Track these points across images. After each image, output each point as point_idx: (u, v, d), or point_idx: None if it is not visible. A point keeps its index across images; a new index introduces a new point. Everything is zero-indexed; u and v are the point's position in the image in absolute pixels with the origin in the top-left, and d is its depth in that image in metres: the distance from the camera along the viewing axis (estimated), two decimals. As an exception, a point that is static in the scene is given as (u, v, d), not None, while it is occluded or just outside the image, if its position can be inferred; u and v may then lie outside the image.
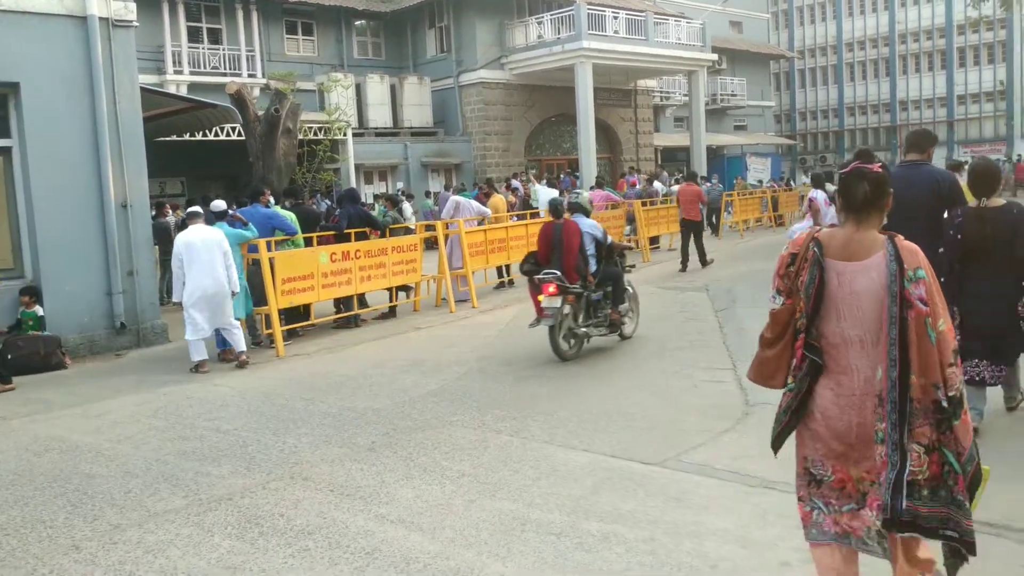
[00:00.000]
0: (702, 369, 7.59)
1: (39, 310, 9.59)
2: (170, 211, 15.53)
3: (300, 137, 22.01)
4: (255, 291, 9.73)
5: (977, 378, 5.18)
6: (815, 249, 2.91)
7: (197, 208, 9.25)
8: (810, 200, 12.32)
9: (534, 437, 5.71)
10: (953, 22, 51.99)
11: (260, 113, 15.91)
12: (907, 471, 2.75)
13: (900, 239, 2.85)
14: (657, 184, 25.69)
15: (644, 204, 18.65)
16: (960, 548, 2.79)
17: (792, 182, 37.93)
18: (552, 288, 8.12)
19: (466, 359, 8.62)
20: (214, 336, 9.23)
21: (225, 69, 25.59)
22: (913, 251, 2.82)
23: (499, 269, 14.23)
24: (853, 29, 56.52)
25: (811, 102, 58.60)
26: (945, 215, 5.46)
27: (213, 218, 9.62)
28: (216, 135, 22.09)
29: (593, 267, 8.77)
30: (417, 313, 12.20)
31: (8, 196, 9.80)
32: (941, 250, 5.21)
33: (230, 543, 4.18)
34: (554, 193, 18.14)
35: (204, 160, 23.84)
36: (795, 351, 2.99)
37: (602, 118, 30.98)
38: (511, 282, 14.39)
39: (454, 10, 28.40)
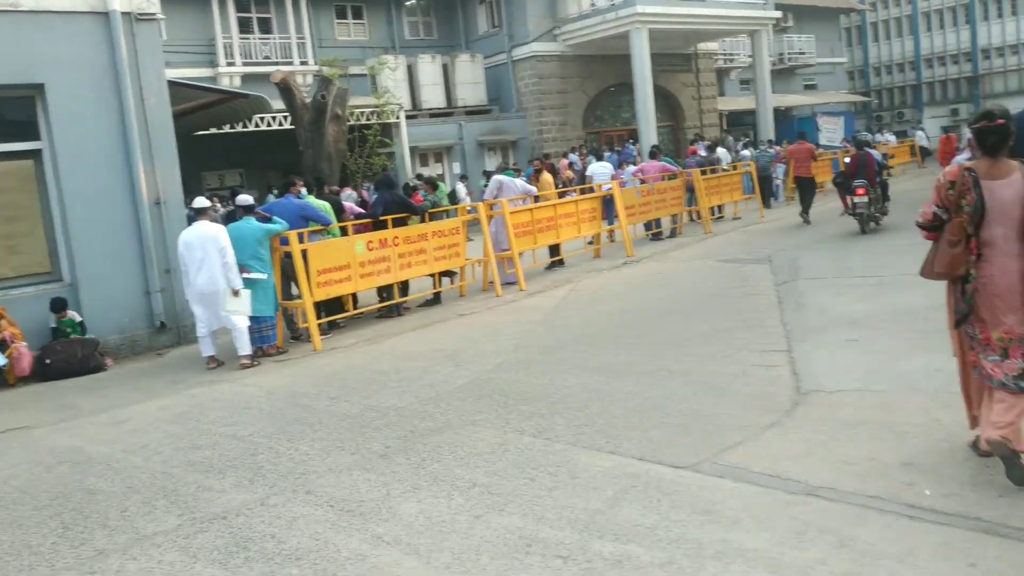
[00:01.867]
0: (755, 352, 7.00)
1: (75, 316, 9.50)
2: (219, 204, 15.44)
3: (352, 123, 21.86)
4: (291, 284, 9.50)
5: None
6: (972, 175, 4.03)
7: (203, 202, 8.98)
8: (969, 139, 17.99)
9: (559, 437, 5.25)
10: (1038, -40, 48.94)
11: (308, 101, 15.71)
12: None
13: None
14: (721, 151, 24.70)
15: (704, 173, 17.85)
16: None
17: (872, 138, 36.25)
18: (862, 191, 13.75)
19: (504, 348, 8.20)
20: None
21: (277, 58, 25.54)
22: None
23: (550, 249, 13.73)
24: (929, -24, 53.71)
25: (885, 56, 55.98)
26: None
27: (242, 213, 9.40)
28: (269, 125, 22.08)
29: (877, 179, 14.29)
30: (463, 298, 11.82)
31: (42, 199, 9.72)
32: None
33: (211, 571, 3.85)
34: (607, 167, 17.41)
35: (262, 150, 23.94)
36: (969, 248, 4.05)
37: (662, 85, 30.02)
38: (561, 262, 13.88)
39: (504, -17, 27.79)
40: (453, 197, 21.08)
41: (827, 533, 3.61)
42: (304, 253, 9.31)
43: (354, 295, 10.97)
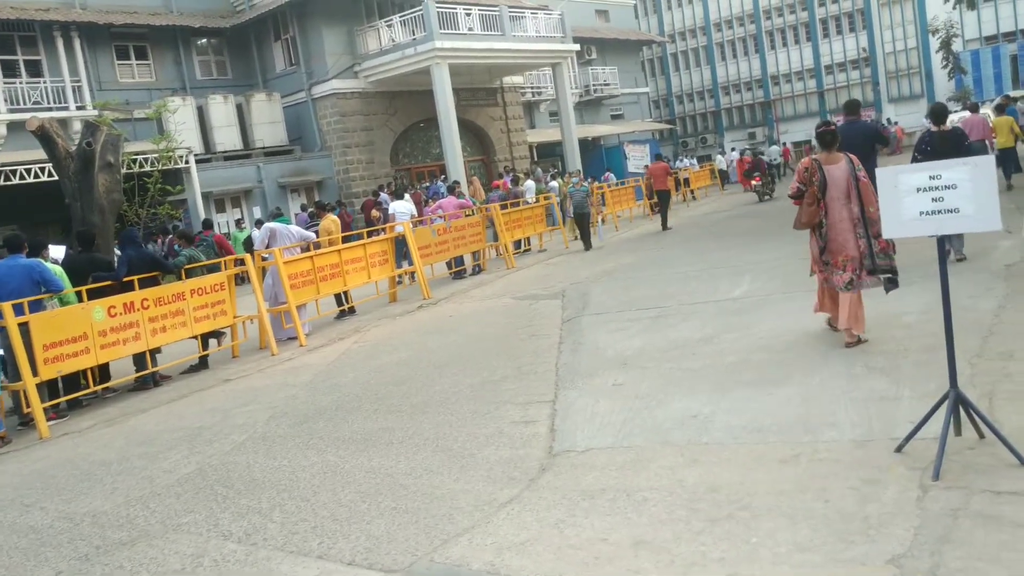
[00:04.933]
0: (519, 405, 6.49)
1: None
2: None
3: (134, 170, 20.27)
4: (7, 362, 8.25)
5: None
6: (816, 162, 6.51)
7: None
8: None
9: (268, 540, 4.47)
10: (813, -6, 52.90)
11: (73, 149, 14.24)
12: (873, 247, 6.30)
13: (851, 155, 6.53)
14: (529, 183, 24.71)
15: (504, 207, 17.58)
16: (895, 279, 6.40)
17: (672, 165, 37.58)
18: (758, 179, 24.94)
19: (256, 421, 7.32)
20: None
21: (50, 103, 23.48)
22: (855, 159, 6.50)
23: (337, 297, 12.92)
24: (719, 9, 57.00)
25: (687, 85, 58.90)
26: (918, 135, 10.51)
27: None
28: (36, 176, 20.13)
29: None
30: (236, 360, 10.82)
31: None
32: (919, 156, 8.93)
33: None
34: (407, 206, 16.83)
35: (37, 204, 21.75)
36: (819, 207, 6.47)
37: (470, 119, 29.97)
38: (352, 310, 13.10)
39: (299, 20, 26.85)
40: (249, 244, 19.85)
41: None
42: (26, 326, 8.09)
43: (105, 367, 9.76)
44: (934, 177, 3.91)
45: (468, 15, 26.45)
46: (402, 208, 17.18)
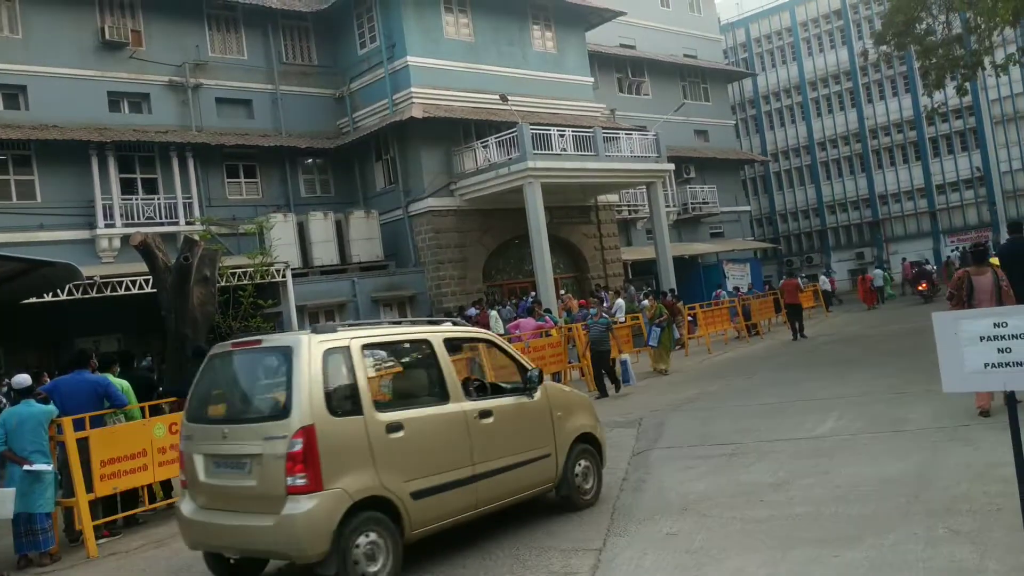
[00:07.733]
0: (563, 553, 6.00)
1: None
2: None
3: (231, 284, 20.97)
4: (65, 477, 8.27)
5: None
6: (967, 273, 8.81)
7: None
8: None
9: None
10: (922, 113, 51.63)
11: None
12: None
13: (996, 268, 9.20)
14: (619, 302, 24.41)
15: (586, 328, 17.24)
16: None
17: (771, 286, 36.64)
18: (924, 285, 31.35)
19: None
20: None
21: (161, 218, 24.68)
22: (1000, 271, 9.02)
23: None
24: (823, 128, 56.48)
25: (791, 203, 58.04)
26: None
27: (17, 396, 8.28)
28: (141, 288, 21.02)
29: None
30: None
31: None
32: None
33: None
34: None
35: (142, 315, 22.67)
36: (965, 307, 8.37)
37: (563, 236, 30.04)
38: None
39: (399, 142, 27.78)
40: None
41: None
42: (84, 441, 8.13)
43: (168, 482, 9.72)
44: (999, 325, 3.41)
45: (562, 136, 26.83)
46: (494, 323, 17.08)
